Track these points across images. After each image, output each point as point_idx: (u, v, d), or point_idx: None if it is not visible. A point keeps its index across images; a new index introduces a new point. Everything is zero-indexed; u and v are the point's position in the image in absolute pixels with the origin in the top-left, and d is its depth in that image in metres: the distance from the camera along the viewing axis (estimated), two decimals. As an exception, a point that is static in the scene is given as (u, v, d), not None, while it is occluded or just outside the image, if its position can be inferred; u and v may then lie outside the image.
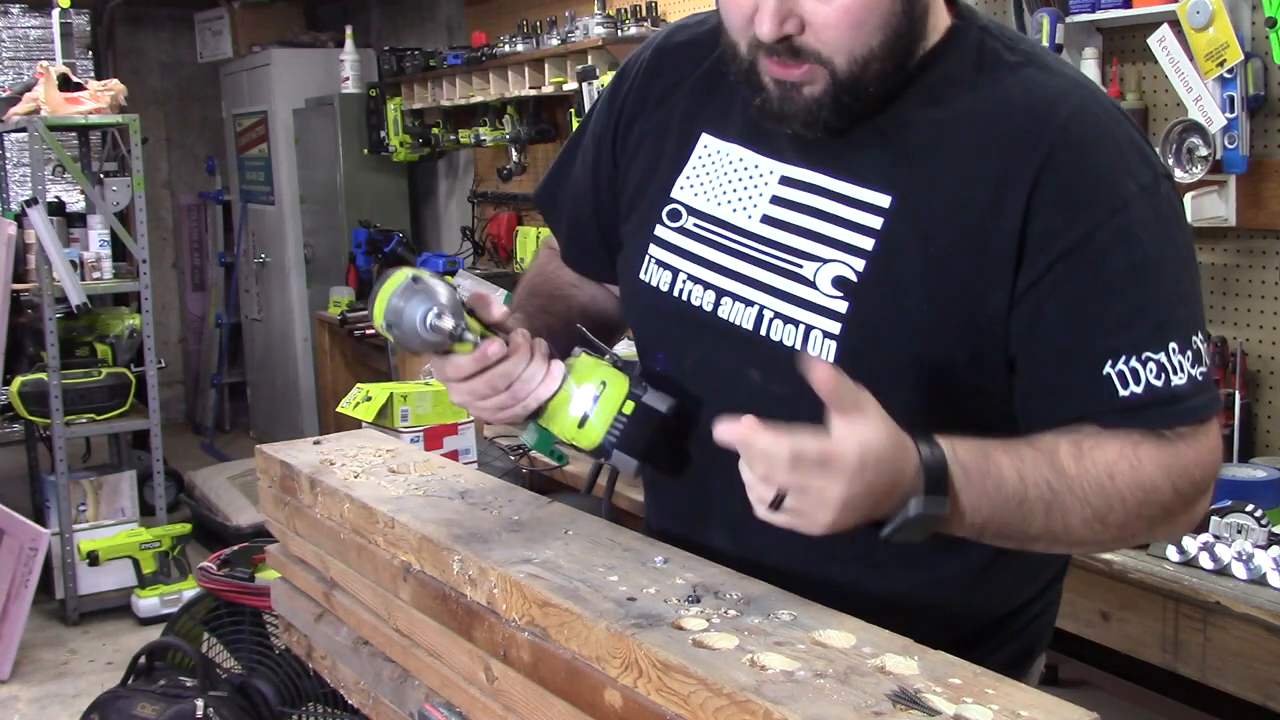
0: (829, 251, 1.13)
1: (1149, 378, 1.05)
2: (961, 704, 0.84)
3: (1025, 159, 1.07)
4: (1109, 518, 1.06)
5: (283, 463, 1.62)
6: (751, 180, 1.19)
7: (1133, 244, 1.06)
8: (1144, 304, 1.06)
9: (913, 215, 1.10)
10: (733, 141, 1.22)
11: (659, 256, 1.25)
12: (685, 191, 1.24)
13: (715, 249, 1.20)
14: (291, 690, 2.45)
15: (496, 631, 1.15)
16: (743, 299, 1.17)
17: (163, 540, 4.34)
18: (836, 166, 1.15)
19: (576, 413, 1.22)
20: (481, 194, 5.54)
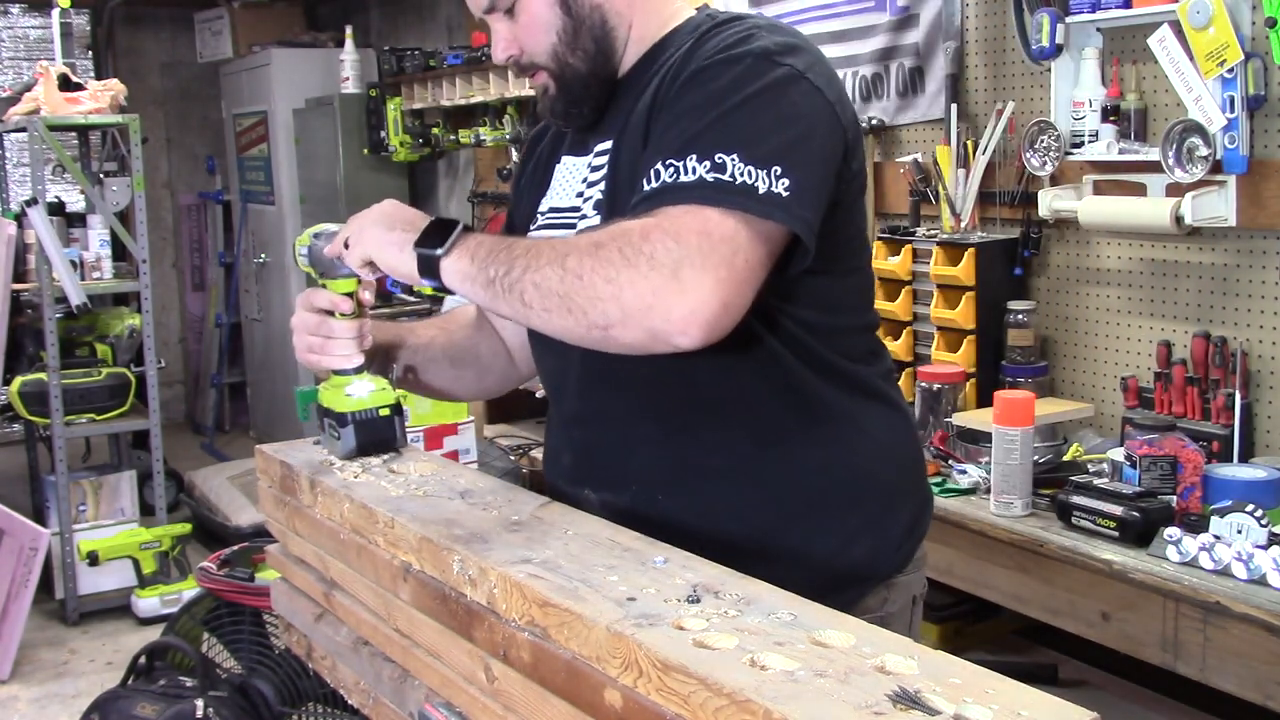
0: (591, 190, 1.47)
1: (664, 176, 1.27)
2: (961, 704, 0.84)
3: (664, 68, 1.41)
4: (568, 260, 1.25)
5: (283, 463, 1.62)
6: (574, 174, 1.53)
7: (706, 90, 1.32)
8: (683, 128, 1.30)
9: (624, 141, 1.43)
10: (568, 155, 1.57)
11: None
12: (544, 203, 1.58)
13: (554, 229, 1.51)
14: (291, 690, 2.45)
15: (496, 631, 1.15)
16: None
17: (163, 540, 4.34)
18: (595, 139, 1.49)
19: (350, 391, 1.57)
20: (481, 194, 5.54)
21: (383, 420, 1.57)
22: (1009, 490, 2.37)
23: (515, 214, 1.69)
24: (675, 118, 1.32)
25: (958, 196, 3.04)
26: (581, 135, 1.54)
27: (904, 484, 1.54)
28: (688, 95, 1.33)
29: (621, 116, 1.45)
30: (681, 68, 1.37)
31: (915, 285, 3.12)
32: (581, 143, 1.54)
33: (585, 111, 1.48)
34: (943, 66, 3.13)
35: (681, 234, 1.21)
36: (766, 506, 1.43)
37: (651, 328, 1.21)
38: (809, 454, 1.43)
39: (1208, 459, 2.36)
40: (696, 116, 1.30)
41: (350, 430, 1.55)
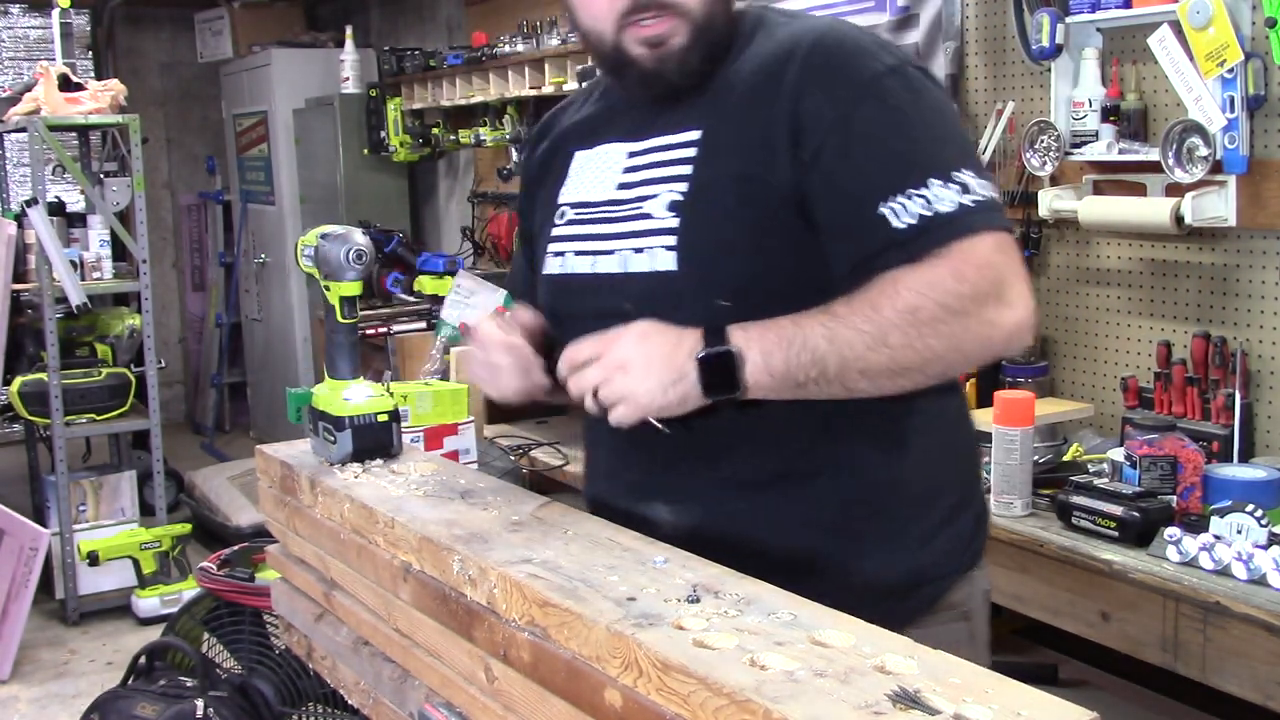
0: (660, 188, 1.36)
1: (918, 209, 1.22)
2: (961, 704, 0.84)
3: (789, 70, 1.31)
4: (889, 338, 1.20)
5: (283, 463, 1.62)
6: (609, 163, 1.44)
7: (886, 107, 1.27)
8: (902, 151, 1.26)
9: (716, 139, 1.34)
10: (595, 145, 1.48)
11: (550, 249, 1.49)
12: (566, 195, 1.50)
13: (589, 224, 1.44)
14: (291, 690, 2.45)
15: (496, 631, 1.15)
16: (609, 252, 1.40)
17: (163, 540, 4.34)
18: (666, 128, 1.39)
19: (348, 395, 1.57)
20: (481, 194, 5.54)
21: (380, 425, 1.57)
22: (1009, 490, 2.37)
23: (531, 211, 1.61)
24: (872, 141, 1.26)
25: (958, 196, 3.04)
26: (620, 119, 1.46)
27: (971, 474, 1.52)
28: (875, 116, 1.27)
29: (702, 107, 1.36)
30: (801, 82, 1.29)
31: (915, 285, 3.11)
32: (618, 128, 1.45)
33: (698, 75, 1.36)
34: (943, 66, 3.13)
35: (984, 262, 1.21)
36: (854, 509, 1.37)
37: (991, 354, 1.27)
38: (899, 450, 1.38)
39: (1208, 459, 2.36)
40: (905, 137, 1.26)
41: (347, 435, 1.55)
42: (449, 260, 5.38)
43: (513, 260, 1.80)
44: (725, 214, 1.32)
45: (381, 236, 5.46)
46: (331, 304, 1.61)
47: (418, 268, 5.42)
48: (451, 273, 5.17)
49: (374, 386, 1.60)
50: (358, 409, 1.56)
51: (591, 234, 1.43)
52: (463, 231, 5.63)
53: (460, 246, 5.63)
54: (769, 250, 1.31)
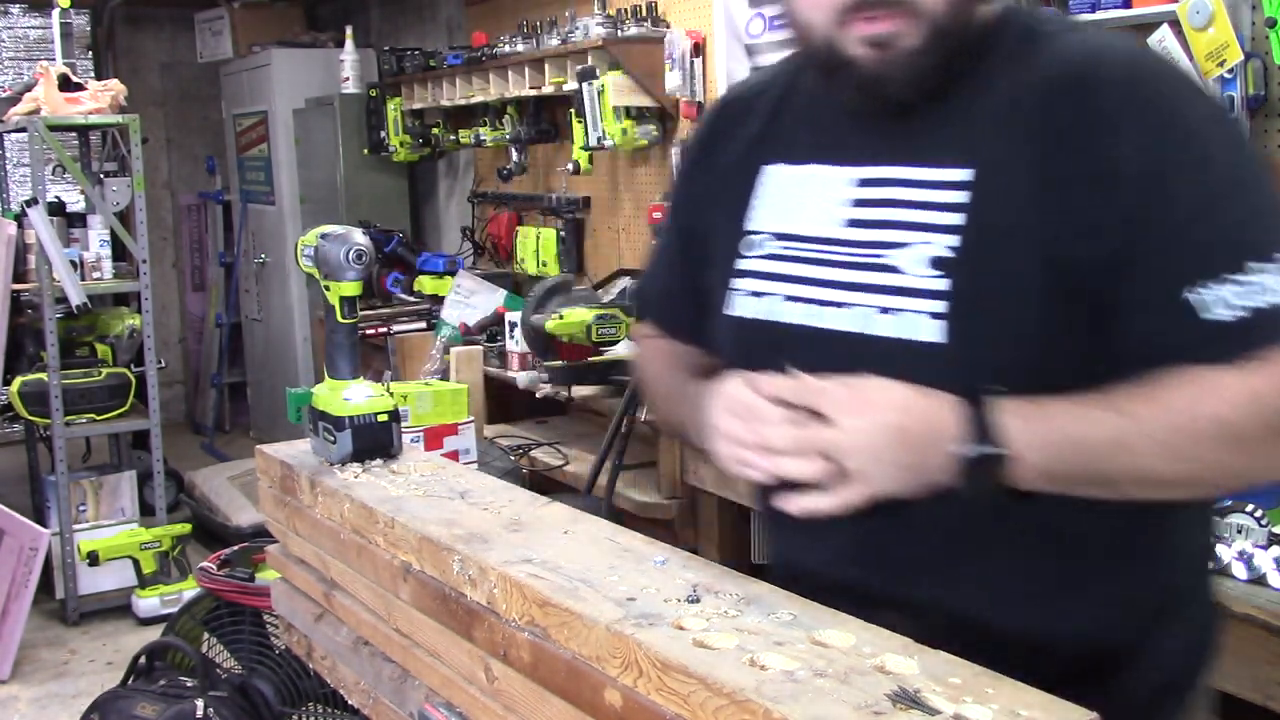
0: (918, 235, 1.12)
1: (1238, 300, 1.02)
2: (961, 703, 0.84)
3: (1093, 101, 1.07)
4: (1190, 453, 1.02)
5: (283, 463, 1.62)
6: (829, 191, 1.19)
7: (1210, 166, 1.06)
8: (1225, 225, 1.04)
9: (996, 183, 1.10)
10: (801, 163, 1.23)
11: (743, 287, 1.24)
12: (763, 220, 1.24)
13: (805, 264, 1.19)
14: (291, 690, 2.45)
15: (496, 631, 1.15)
16: (839, 304, 1.16)
17: (163, 540, 4.34)
18: (911, 155, 1.14)
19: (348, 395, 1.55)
20: (481, 194, 5.54)
21: (380, 426, 1.57)
22: (1009, 490, 2.37)
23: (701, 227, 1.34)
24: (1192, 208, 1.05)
25: (958, 196, 3.04)
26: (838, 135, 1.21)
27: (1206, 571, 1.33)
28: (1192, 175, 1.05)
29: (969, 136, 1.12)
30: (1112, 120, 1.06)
31: (915, 285, 3.11)
32: (837, 146, 1.21)
33: (935, 87, 1.13)
34: (943, 66, 3.13)
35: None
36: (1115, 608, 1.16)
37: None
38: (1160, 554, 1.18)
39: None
40: (1228, 207, 1.05)
41: (347, 435, 1.55)
42: (449, 260, 5.38)
43: (650, 268, 1.51)
44: (1012, 280, 1.08)
45: (381, 236, 5.46)
46: (331, 304, 1.61)
47: (418, 268, 5.42)
48: (451, 273, 5.18)
49: (374, 386, 1.60)
50: (358, 409, 1.56)
51: (811, 277, 1.18)
52: (463, 231, 5.63)
53: (460, 246, 5.63)
54: (1060, 326, 1.08)
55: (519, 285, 5.06)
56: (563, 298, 3.73)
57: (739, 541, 3.33)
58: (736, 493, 3.08)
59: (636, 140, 4.12)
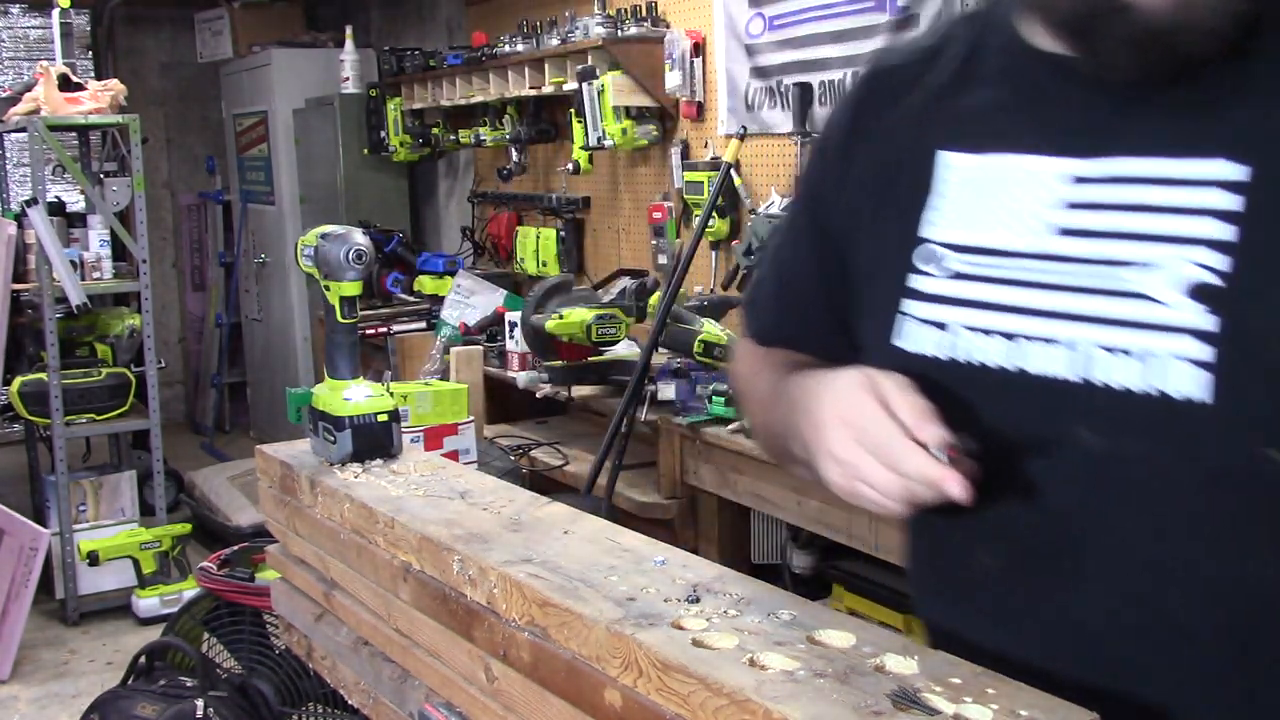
0: (1168, 251, 0.85)
1: None
2: (961, 704, 0.84)
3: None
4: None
5: (283, 463, 1.62)
6: (1030, 190, 0.92)
7: None
8: None
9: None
10: (991, 151, 0.95)
11: (918, 313, 0.97)
12: (938, 227, 0.97)
13: (1000, 285, 0.93)
14: (291, 690, 2.45)
15: (496, 631, 1.15)
16: (1050, 339, 0.90)
17: (163, 540, 4.34)
18: (1153, 145, 0.87)
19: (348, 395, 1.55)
20: (481, 194, 5.54)
21: (380, 426, 1.57)
22: (1009, 490, 2.37)
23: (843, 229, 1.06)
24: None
25: (958, 196, 3.04)
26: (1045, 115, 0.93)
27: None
28: None
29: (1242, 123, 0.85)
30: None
31: (915, 285, 3.11)
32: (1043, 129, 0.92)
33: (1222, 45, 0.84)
34: (943, 66, 3.13)
35: None
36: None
37: None
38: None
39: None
40: None
41: (347, 435, 1.55)
42: (449, 260, 5.38)
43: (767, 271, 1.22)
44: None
45: (381, 236, 5.46)
46: (331, 304, 1.61)
47: (418, 268, 5.43)
48: (451, 273, 5.18)
49: (374, 386, 1.60)
50: (358, 409, 1.56)
51: (1009, 304, 0.92)
52: (463, 231, 5.63)
53: (460, 246, 5.63)
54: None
55: (519, 285, 5.06)
56: (563, 298, 3.73)
57: (739, 541, 3.33)
58: (735, 493, 3.09)
59: (636, 140, 4.12)
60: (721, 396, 3.16)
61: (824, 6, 3.47)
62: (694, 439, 3.18)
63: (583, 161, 4.31)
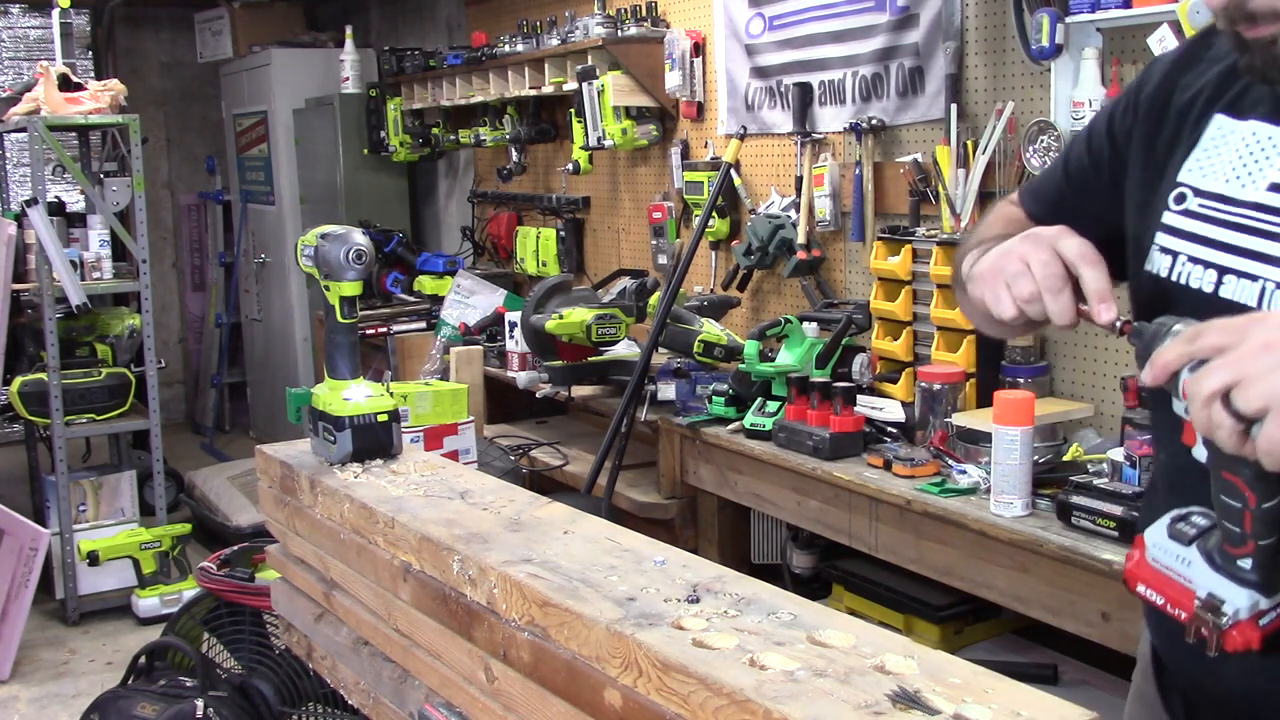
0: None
1: None
2: (961, 703, 0.84)
3: None
4: None
5: (283, 463, 1.62)
6: (1263, 152, 1.10)
7: None
8: None
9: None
10: (1249, 119, 1.13)
11: (1163, 243, 1.17)
12: (1192, 174, 1.16)
13: (1219, 226, 1.11)
14: (291, 690, 2.45)
15: (496, 631, 1.15)
16: (1247, 274, 1.07)
17: (163, 540, 4.34)
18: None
19: (348, 396, 1.55)
20: (481, 194, 5.55)
21: (380, 426, 1.58)
22: (1009, 490, 2.37)
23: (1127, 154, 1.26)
24: None
25: (958, 196, 3.04)
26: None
27: None
28: None
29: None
30: None
31: (915, 285, 3.11)
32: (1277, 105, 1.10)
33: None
34: (943, 66, 3.13)
35: None
36: None
37: None
38: None
39: (1208, 459, 2.35)
40: None
41: (347, 435, 1.55)
42: (449, 260, 5.38)
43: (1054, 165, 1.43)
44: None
45: (381, 236, 5.47)
46: (331, 304, 1.61)
47: (418, 268, 5.43)
48: (451, 273, 5.18)
49: (374, 386, 1.60)
50: (358, 409, 1.56)
51: (1221, 241, 1.10)
52: (463, 231, 5.63)
53: (460, 246, 5.63)
54: None
55: (519, 285, 5.06)
56: (562, 298, 3.73)
57: (739, 541, 3.33)
58: (735, 493, 3.09)
59: (636, 140, 4.12)
60: (721, 397, 3.16)
61: (824, 6, 3.47)
62: (694, 439, 3.18)
63: (583, 161, 4.31)
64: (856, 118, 3.35)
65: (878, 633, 0.96)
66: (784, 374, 2.97)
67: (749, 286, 3.80)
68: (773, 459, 2.87)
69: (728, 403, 3.14)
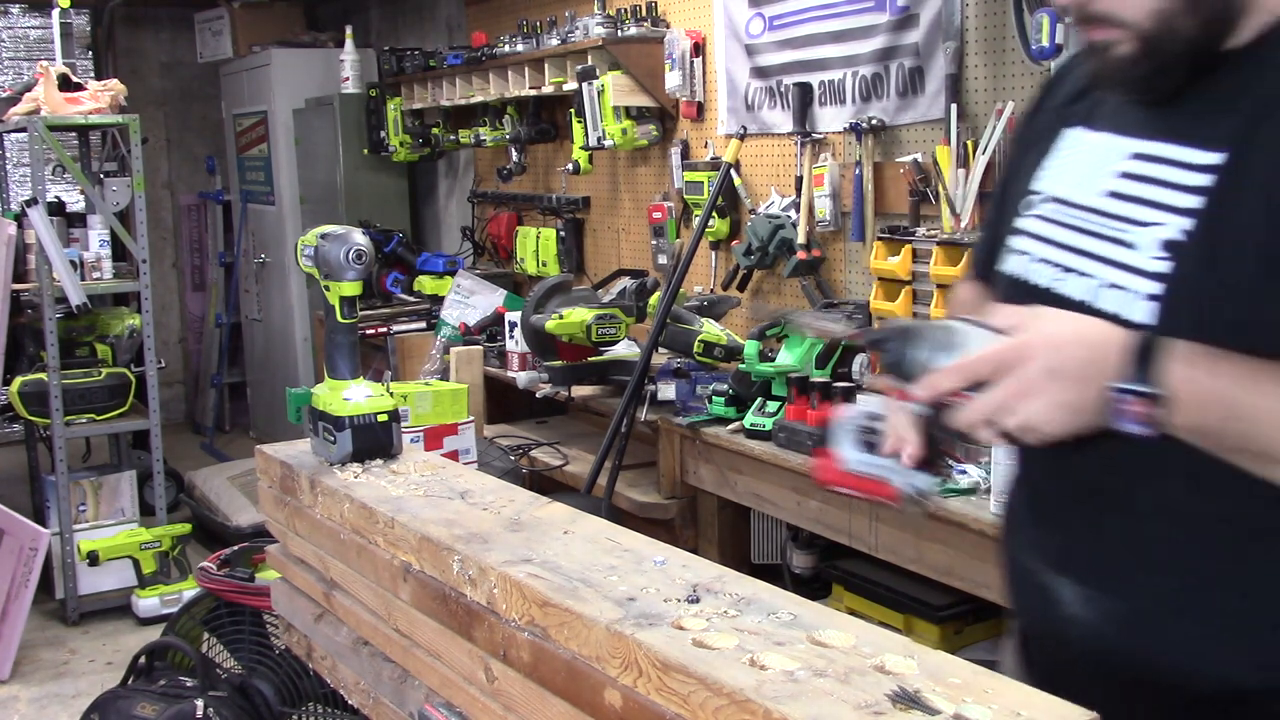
0: (1160, 215, 1.10)
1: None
2: (961, 703, 0.84)
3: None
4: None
5: (283, 463, 1.62)
6: (1103, 159, 1.19)
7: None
8: None
9: (1249, 171, 1.05)
10: (1096, 130, 1.23)
11: (1016, 245, 1.27)
12: (1044, 181, 1.26)
13: (1062, 228, 1.21)
14: (291, 690, 2.45)
15: (496, 631, 1.15)
16: (1080, 272, 1.17)
17: (163, 540, 4.34)
18: (1174, 133, 1.13)
19: (348, 395, 1.56)
20: (481, 194, 5.55)
21: (380, 426, 1.58)
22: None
23: (1010, 179, 1.37)
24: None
25: (957, 196, 3.04)
26: (1125, 104, 1.20)
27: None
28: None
29: (1234, 118, 1.09)
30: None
31: (915, 285, 3.11)
32: (1121, 115, 1.20)
33: (1168, 85, 1.13)
34: (943, 66, 3.13)
35: None
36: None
37: None
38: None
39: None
40: None
41: (347, 435, 1.55)
42: (449, 260, 5.38)
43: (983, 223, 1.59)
44: (1238, 276, 1.04)
45: (381, 236, 5.47)
46: (331, 304, 1.61)
47: (418, 268, 5.43)
48: (451, 273, 5.18)
49: (374, 386, 1.60)
50: (358, 409, 1.56)
51: (1062, 241, 1.20)
52: (463, 231, 5.63)
53: (460, 246, 5.63)
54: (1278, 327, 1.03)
55: (519, 285, 5.06)
56: (563, 298, 3.73)
57: (739, 541, 3.33)
58: (735, 493, 3.09)
59: (636, 140, 4.12)
60: (721, 397, 3.16)
61: (824, 6, 3.47)
62: (694, 439, 3.18)
63: (583, 161, 4.31)
64: (856, 118, 3.35)
65: (878, 633, 0.96)
66: (784, 374, 2.97)
67: (749, 286, 3.80)
68: (773, 459, 2.87)
69: (728, 403, 3.14)
